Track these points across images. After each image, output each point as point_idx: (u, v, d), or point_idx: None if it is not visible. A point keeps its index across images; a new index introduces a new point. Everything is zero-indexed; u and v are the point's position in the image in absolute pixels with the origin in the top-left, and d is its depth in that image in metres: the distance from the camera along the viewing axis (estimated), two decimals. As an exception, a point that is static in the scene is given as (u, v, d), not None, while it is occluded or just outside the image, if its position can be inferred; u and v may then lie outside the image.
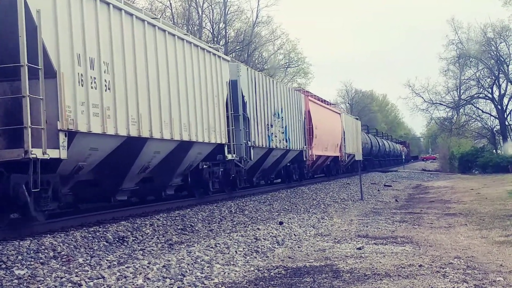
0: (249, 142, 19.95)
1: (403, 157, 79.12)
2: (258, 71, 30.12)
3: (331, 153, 34.97)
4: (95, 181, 12.80)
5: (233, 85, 19.22)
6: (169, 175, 15.55)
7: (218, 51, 18.48)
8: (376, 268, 7.75)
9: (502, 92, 56.31)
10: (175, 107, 14.74)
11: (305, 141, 28.63)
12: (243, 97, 19.94)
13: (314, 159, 30.03)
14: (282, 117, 24.81)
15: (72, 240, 9.59)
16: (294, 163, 27.84)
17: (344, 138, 38.39)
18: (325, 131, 32.64)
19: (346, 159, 39.02)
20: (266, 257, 8.91)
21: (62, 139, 10.22)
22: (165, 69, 14.31)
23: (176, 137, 14.65)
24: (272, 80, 24.52)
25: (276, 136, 23.52)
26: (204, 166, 17.07)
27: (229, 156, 18.16)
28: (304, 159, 28.43)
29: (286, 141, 25.20)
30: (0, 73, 9.29)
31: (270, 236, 10.81)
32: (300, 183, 28.10)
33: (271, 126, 22.96)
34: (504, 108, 56.13)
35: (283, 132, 24.68)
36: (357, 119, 51.60)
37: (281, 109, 24.86)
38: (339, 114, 38.91)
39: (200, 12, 50.47)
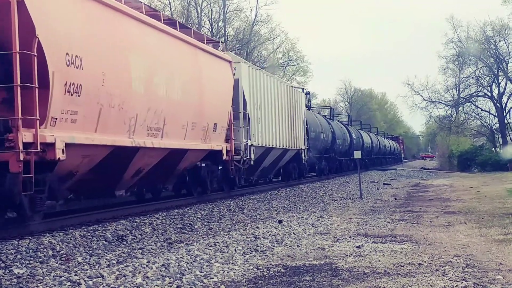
0: None
1: (402, 155, 78.89)
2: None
3: (187, 142, 15.24)
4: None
5: None
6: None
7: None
8: (375, 267, 7.75)
9: (501, 90, 56.51)
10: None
11: None
12: None
13: (57, 156, 9.98)
14: None
15: (71, 239, 9.59)
16: None
17: (248, 116, 19.83)
18: (145, 86, 13.05)
19: (248, 156, 19.76)
20: (266, 255, 8.91)
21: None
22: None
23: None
24: None
25: None
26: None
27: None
28: None
29: None
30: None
31: (270, 234, 10.81)
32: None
33: None
34: (503, 106, 56.29)
35: None
36: (307, 93, 33.40)
37: None
38: (229, 62, 18.68)
39: (199, 11, 50.49)
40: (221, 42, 20.72)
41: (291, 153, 26.26)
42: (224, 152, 17.82)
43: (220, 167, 18.09)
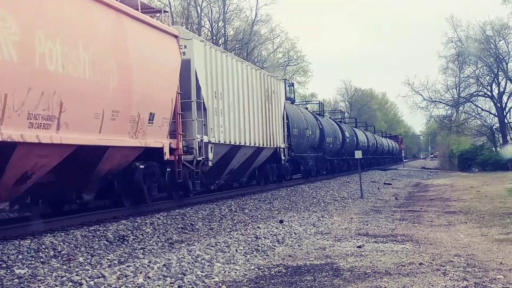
0: None
1: (402, 155, 78.72)
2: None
3: (105, 137, 11.37)
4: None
5: None
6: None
7: None
8: (376, 266, 7.76)
9: (501, 90, 56.44)
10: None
11: None
12: None
13: None
14: None
15: (72, 239, 9.60)
16: None
17: (204, 106, 16.29)
18: (22, 55, 8.82)
19: (205, 156, 16.30)
20: (267, 255, 8.91)
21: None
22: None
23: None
24: None
25: None
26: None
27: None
28: None
29: None
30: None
31: (271, 234, 10.82)
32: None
33: None
34: (503, 105, 56.23)
35: None
36: (290, 84, 30.45)
37: None
38: (175, 37, 14.83)
39: (199, 11, 50.44)
40: (164, 11, 16.72)
41: (267, 152, 22.48)
42: (166, 150, 13.96)
43: (168, 169, 14.51)
